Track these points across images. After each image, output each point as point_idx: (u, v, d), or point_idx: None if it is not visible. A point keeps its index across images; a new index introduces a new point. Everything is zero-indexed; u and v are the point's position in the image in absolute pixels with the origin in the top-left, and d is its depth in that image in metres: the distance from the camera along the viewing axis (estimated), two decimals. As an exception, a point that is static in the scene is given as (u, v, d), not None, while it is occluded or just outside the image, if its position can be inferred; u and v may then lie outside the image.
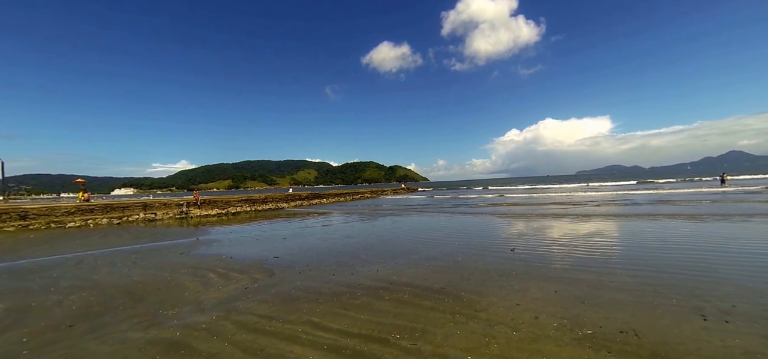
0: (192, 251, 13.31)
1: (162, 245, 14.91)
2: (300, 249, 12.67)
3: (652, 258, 8.86)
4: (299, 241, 14.58)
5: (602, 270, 7.90)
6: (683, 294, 6.19)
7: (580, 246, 10.82)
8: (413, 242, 13.17)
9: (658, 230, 13.16)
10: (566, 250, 10.37)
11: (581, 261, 8.93)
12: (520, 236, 13.36)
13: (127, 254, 13.05)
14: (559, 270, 8.20)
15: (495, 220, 18.87)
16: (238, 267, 10.20)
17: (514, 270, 8.45)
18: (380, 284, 7.84)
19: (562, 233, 13.39)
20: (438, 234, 14.65)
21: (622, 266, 8.19)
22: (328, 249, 12.48)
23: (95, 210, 26.97)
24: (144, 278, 9.42)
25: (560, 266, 8.54)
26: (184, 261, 11.35)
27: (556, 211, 21.74)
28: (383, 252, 11.44)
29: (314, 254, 11.62)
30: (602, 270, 7.90)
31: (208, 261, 11.23)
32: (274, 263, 10.51)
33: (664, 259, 8.73)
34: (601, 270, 7.99)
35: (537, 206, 25.70)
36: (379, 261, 10.15)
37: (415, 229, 16.67)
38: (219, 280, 8.94)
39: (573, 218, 17.81)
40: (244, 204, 36.35)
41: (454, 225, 17.40)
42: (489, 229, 15.68)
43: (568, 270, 8.12)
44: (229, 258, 11.58)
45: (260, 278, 8.97)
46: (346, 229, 17.92)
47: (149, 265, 11.01)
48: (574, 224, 15.49)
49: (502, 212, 22.79)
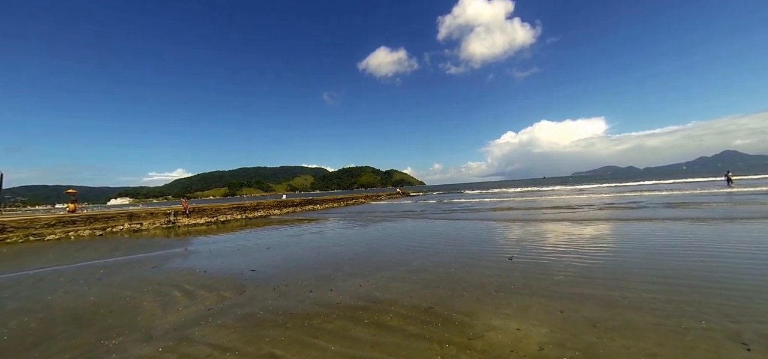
0: (166, 264, 12.31)
1: (136, 259, 13.88)
2: (281, 261, 11.70)
3: (668, 268, 7.91)
4: (283, 251, 13.60)
5: (613, 284, 6.96)
6: (712, 313, 5.28)
7: (585, 254, 9.90)
8: (403, 251, 12.22)
9: (671, 235, 12.10)
10: (569, 259, 9.44)
11: (588, 272, 8.00)
12: (518, 242, 12.44)
13: (95, 269, 12.03)
14: (563, 283, 7.27)
15: (491, 225, 17.95)
16: (208, 283, 9.22)
17: (512, 283, 7.52)
18: (361, 303, 6.88)
19: (564, 239, 12.48)
20: (430, 242, 13.70)
21: (636, 279, 7.25)
22: (312, 260, 11.52)
23: (77, 222, 25.83)
24: (101, 298, 8.43)
25: (564, 278, 7.61)
26: (153, 277, 10.35)
27: (555, 215, 20.85)
28: (370, 263, 10.48)
29: (295, 267, 10.65)
30: (613, 284, 6.96)
31: (179, 276, 10.24)
32: (249, 278, 9.55)
33: (683, 269, 7.76)
34: (611, 283, 7.06)
35: (535, 210, 24.79)
36: (364, 274, 9.20)
37: (406, 236, 15.72)
38: (182, 299, 7.96)
39: (574, 222, 16.92)
40: (234, 212, 35.27)
41: (447, 232, 16.46)
42: (485, 235, 14.75)
43: (573, 284, 7.19)
44: (203, 272, 10.60)
45: (229, 296, 8.00)
46: (334, 237, 16.94)
47: (113, 282, 10.01)
48: (576, 229, 14.59)
49: (499, 216, 21.80)
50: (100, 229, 26.01)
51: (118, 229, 26.70)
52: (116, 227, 26.71)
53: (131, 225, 27.62)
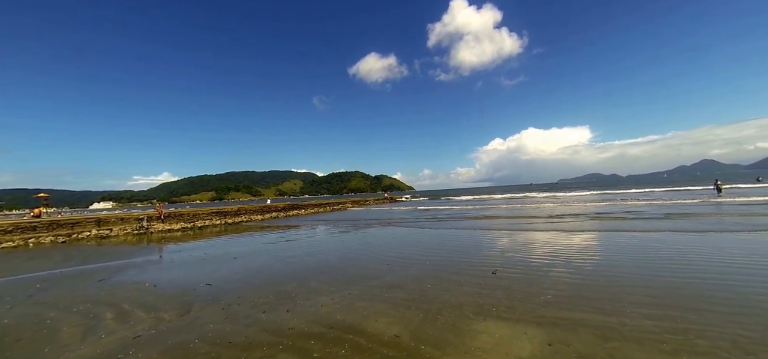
0: (116, 276, 11.06)
1: (87, 269, 12.56)
2: (244, 273, 10.56)
3: (669, 288, 7.01)
4: (250, 261, 12.44)
5: (608, 307, 6.04)
6: (726, 345, 4.41)
7: (575, 269, 9.03)
8: (379, 261, 11.20)
9: (668, 248, 11.14)
10: (558, 274, 8.55)
11: (579, 291, 7.10)
12: (502, 253, 11.53)
13: (32, 283, 10.70)
14: (551, 305, 6.34)
15: (476, 234, 17.06)
16: (150, 302, 8.05)
17: (494, 303, 6.57)
18: (316, 329, 5.84)
19: (552, 251, 11.62)
20: (409, 252, 12.70)
21: (634, 301, 6.34)
22: (278, 272, 10.41)
23: (38, 228, 24.11)
24: (17, 320, 7.21)
25: (553, 298, 6.69)
26: (92, 293, 9.12)
27: (543, 224, 20.09)
28: (340, 276, 9.43)
29: (257, 280, 9.53)
30: (608, 307, 6.04)
31: (122, 292, 9.03)
32: (202, 294, 8.41)
33: (686, 290, 6.83)
34: (606, 305, 6.14)
35: (522, 218, 24.06)
36: (330, 290, 8.15)
37: (385, 245, 14.70)
38: (111, 323, 6.79)
39: (563, 232, 16.13)
40: (213, 217, 33.77)
41: (429, 241, 15.50)
42: (468, 245, 13.83)
43: (563, 305, 6.27)
44: (152, 287, 9.41)
45: (168, 318, 6.87)
46: (310, 245, 15.82)
47: (44, 299, 8.75)
48: (565, 239, 13.77)
49: (484, 225, 20.85)
50: (64, 236, 24.31)
51: (84, 235, 25.01)
52: (82, 234, 25.02)
53: (99, 232, 25.93)
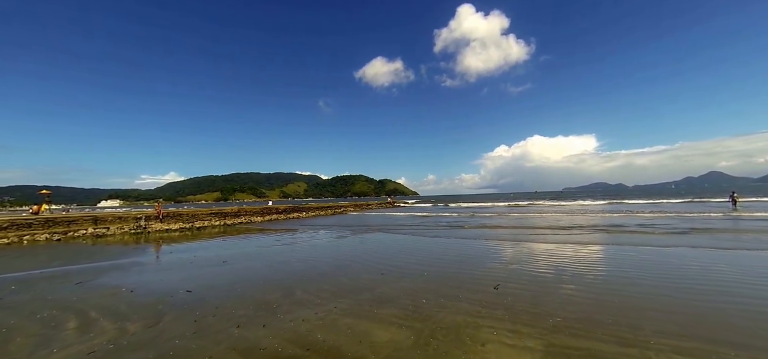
0: (96, 279, 10.46)
1: (70, 270, 12.00)
2: (230, 279, 9.90)
3: (696, 314, 6.12)
4: (239, 266, 11.80)
5: (629, 336, 5.25)
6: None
7: (587, 287, 8.23)
8: (373, 271, 10.48)
9: (689, 266, 10.09)
10: (569, 292, 7.76)
11: (593, 314, 6.32)
12: (506, 266, 10.75)
13: (9, 284, 10.15)
14: (562, 329, 5.58)
15: (478, 243, 16.26)
16: (121, 310, 7.41)
17: (495, 325, 5.83)
18: (290, 350, 5.14)
19: (560, 265, 10.81)
20: (405, 262, 11.96)
21: (657, 329, 5.54)
22: (265, 279, 9.74)
23: (34, 225, 23.73)
24: (-27, 327, 6.59)
25: (563, 321, 5.92)
26: (65, 297, 8.51)
27: (550, 234, 19.22)
28: (328, 287, 8.73)
29: (240, 288, 8.86)
30: (629, 336, 5.25)
31: (96, 297, 8.42)
32: (179, 302, 7.76)
33: (720, 318, 5.88)
34: (626, 332, 5.36)
35: (528, 228, 23.17)
36: (316, 301, 7.45)
37: (381, 253, 13.98)
38: (71, 334, 6.16)
39: (571, 243, 15.26)
40: (213, 218, 33.27)
41: (428, 250, 14.74)
42: (469, 255, 13.06)
43: (575, 330, 5.51)
44: (129, 293, 8.79)
45: (134, 330, 6.21)
46: (304, 251, 15.14)
47: (13, 303, 8.17)
48: (573, 253, 12.94)
49: (488, 234, 19.91)
50: (59, 234, 23.88)
51: (80, 234, 24.58)
52: (78, 232, 24.59)
53: (96, 230, 25.48)
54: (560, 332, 5.47)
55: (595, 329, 5.55)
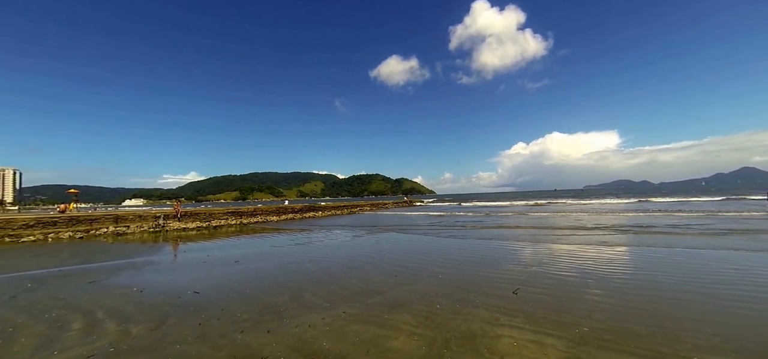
0: (108, 278, 10.47)
1: (86, 269, 12.12)
2: (239, 280, 9.72)
3: (742, 327, 5.37)
4: (250, 266, 11.64)
5: (667, 350, 4.63)
6: None
7: (615, 292, 7.62)
8: (386, 272, 10.10)
9: (731, 272, 9.03)
10: (596, 297, 7.17)
11: (624, 323, 5.75)
12: (526, 268, 10.18)
13: (25, 281, 10.26)
14: (590, 341, 5.05)
15: (496, 244, 15.65)
16: (129, 310, 7.29)
17: (515, 335, 5.35)
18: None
19: (585, 268, 10.16)
20: (420, 263, 11.53)
21: (701, 342, 4.90)
22: (274, 281, 9.50)
23: (58, 223, 24.40)
24: (-19, 326, 6.58)
25: (591, 332, 5.38)
26: (75, 297, 8.48)
27: (572, 234, 18.38)
28: (338, 289, 8.40)
29: (249, 289, 8.65)
30: (667, 350, 4.63)
31: (105, 297, 8.36)
32: (186, 303, 7.59)
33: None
34: (663, 347, 4.75)
35: (548, 229, 22.30)
36: (325, 306, 7.13)
37: (395, 254, 13.58)
38: (76, 335, 6.03)
39: (596, 245, 14.46)
40: (229, 217, 33.60)
41: (445, 250, 14.26)
42: (487, 257, 12.50)
43: (606, 342, 4.97)
44: (138, 293, 8.70)
45: (136, 332, 6.04)
46: (316, 251, 14.90)
47: (25, 301, 8.18)
48: (598, 255, 12.21)
49: (507, 234, 19.17)
50: (82, 232, 24.50)
51: (101, 232, 25.16)
52: (100, 230, 25.18)
53: (117, 228, 26.05)
54: (588, 343, 4.95)
55: (628, 340, 5.00)
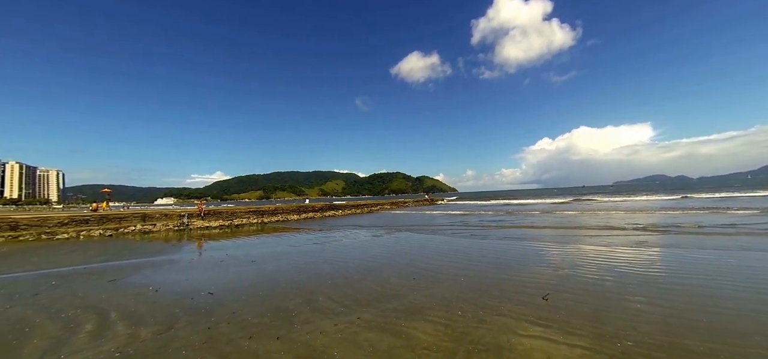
0: (128, 277, 10.51)
1: (110, 266, 12.29)
2: (253, 280, 9.50)
3: None
4: (266, 267, 11.44)
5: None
6: None
7: (660, 299, 6.84)
8: (404, 275, 9.61)
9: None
10: (638, 307, 6.43)
11: (675, 336, 5.04)
12: (555, 271, 9.45)
13: (50, 279, 10.44)
14: (633, 356, 4.41)
15: (522, 244, 14.84)
16: (141, 311, 7.16)
17: (548, 349, 4.76)
18: (301, 372, 4.44)
19: (623, 271, 9.33)
20: (441, 264, 10.98)
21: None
22: (289, 282, 9.22)
23: (90, 221, 25.32)
24: (2, 323, 6.60)
25: (636, 345, 4.72)
26: (93, 296, 8.48)
27: (604, 234, 17.29)
28: (353, 293, 8.00)
29: (263, 290, 8.39)
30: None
31: (121, 297, 8.30)
32: (198, 305, 7.40)
33: None
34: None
35: (578, 228, 21.11)
36: (338, 310, 6.74)
37: (414, 255, 13.07)
38: (85, 337, 5.91)
39: (633, 246, 13.45)
40: (251, 216, 34.01)
41: (466, 251, 13.63)
42: (512, 258, 11.80)
43: None
44: (154, 292, 8.62)
45: (145, 336, 5.85)
46: (334, 251, 14.59)
47: (46, 300, 8.23)
48: (638, 257, 11.27)
49: (532, 235, 18.29)
50: (111, 230, 25.33)
51: (129, 230, 25.94)
52: (128, 228, 25.96)
53: (143, 227, 26.82)
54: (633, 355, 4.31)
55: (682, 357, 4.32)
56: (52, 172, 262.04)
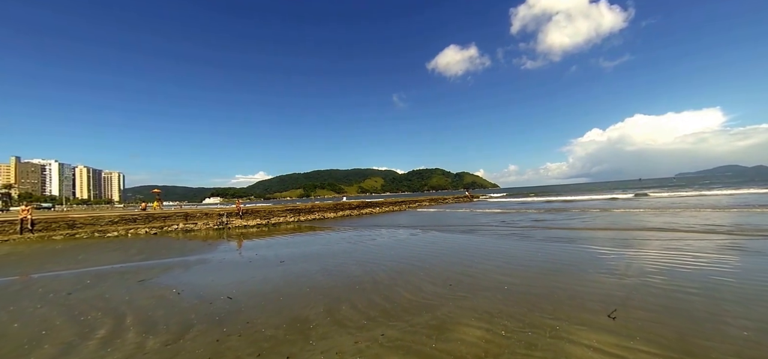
0: (156, 277, 10.43)
1: (141, 266, 12.40)
2: (277, 285, 8.94)
3: None
4: (293, 269, 10.91)
5: None
6: None
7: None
8: (438, 282, 8.57)
9: None
10: (746, 333, 4.98)
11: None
12: (620, 279, 7.97)
13: (86, 277, 10.62)
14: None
15: (574, 246, 13.15)
16: (158, 316, 6.80)
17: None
18: (306, 409, 3.63)
19: (712, 281, 7.64)
20: (481, 269, 9.79)
21: None
22: (313, 287, 8.55)
23: (138, 220, 26.70)
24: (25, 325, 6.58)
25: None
26: (120, 297, 8.34)
27: (676, 235, 15.08)
28: (381, 302, 7.12)
29: (283, 298, 7.76)
30: None
31: (144, 299, 8.07)
32: (214, 311, 6.92)
33: None
34: None
35: (641, 230, 18.73)
36: (360, 323, 5.90)
37: (452, 257, 11.95)
38: (95, 344, 5.61)
39: (719, 250, 11.42)
40: (287, 214, 34.36)
41: (510, 253, 12.28)
42: (564, 262, 10.32)
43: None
44: (176, 294, 8.34)
45: (152, 345, 5.40)
46: (365, 252, 13.81)
47: (75, 300, 8.19)
48: (731, 265, 9.43)
49: (584, 237, 15.99)
50: (156, 228, 26.52)
51: (172, 229, 27.02)
52: (171, 227, 27.05)
53: (185, 225, 27.84)
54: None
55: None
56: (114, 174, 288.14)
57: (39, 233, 22.91)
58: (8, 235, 22.10)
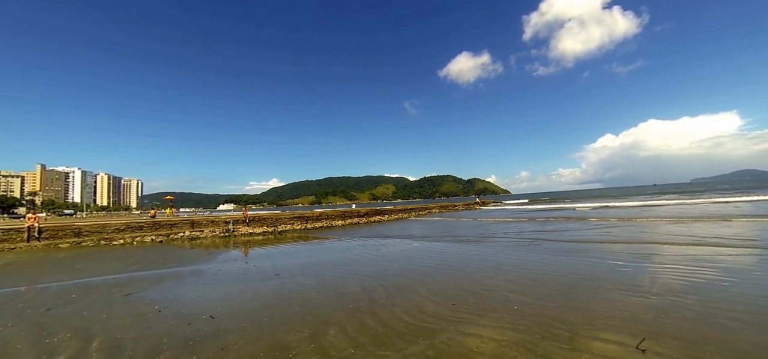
0: (143, 291, 9.89)
1: (133, 278, 11.91)
2: (266, 302, 8.27)
3: None
4: (288, 283, 10.24)
5: None
6: None
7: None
8: (440, 300, 7.75)
9: None
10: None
11: None
12: (645, 298, 7.02)
13: (72, 291, 10.14)
14: None
15: (591, 259, 12.11)
16: (130, 337, 6.20)
17: None
18: None
19: (754, 302, 6.70)
20: (489, 284, 8.94)
21: None
22: (304, 305, 7.84)
23: (144, 228, 26.54)
24: (-21, 351, 5.94)
25: None
26: (94, 315, 7.77)
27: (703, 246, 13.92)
28: (374, 325, 6.35)
29: (268, 319, 7.06)
30: None
31: (121, 317, 7.49)
32: (191, 334, 6.28)
33: None
34: None
35: (662, 243, 17.50)
36: (348, 353, 5.16)
37: (457, 271, 11.10)
38: (45, 377, 4.93)
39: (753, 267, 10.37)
40: (295, 222, 33.85)
41: (522, 264, 11.36)
42: (581, 276, 9.37)
43: None
44: (157, 312, 7.74)
45: (107, 380, 4.72)
46: (367, 264, 13.05)
47: (50, 317, 7.68)
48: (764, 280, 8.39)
49: (600, 250, 14.88)
50: (162, 236, 26.29)
51: (179, 236, 26.75)
52: (177, 235, 26.80)
53: (192, 233, 27.55)
54: None
55: None
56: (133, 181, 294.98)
57: (46, 241, 22.88)
58: (15, 243, 22.10)
